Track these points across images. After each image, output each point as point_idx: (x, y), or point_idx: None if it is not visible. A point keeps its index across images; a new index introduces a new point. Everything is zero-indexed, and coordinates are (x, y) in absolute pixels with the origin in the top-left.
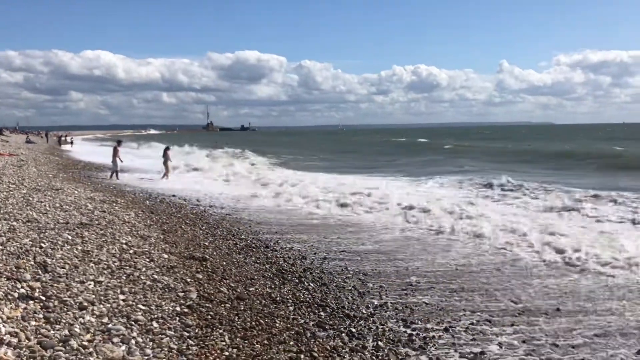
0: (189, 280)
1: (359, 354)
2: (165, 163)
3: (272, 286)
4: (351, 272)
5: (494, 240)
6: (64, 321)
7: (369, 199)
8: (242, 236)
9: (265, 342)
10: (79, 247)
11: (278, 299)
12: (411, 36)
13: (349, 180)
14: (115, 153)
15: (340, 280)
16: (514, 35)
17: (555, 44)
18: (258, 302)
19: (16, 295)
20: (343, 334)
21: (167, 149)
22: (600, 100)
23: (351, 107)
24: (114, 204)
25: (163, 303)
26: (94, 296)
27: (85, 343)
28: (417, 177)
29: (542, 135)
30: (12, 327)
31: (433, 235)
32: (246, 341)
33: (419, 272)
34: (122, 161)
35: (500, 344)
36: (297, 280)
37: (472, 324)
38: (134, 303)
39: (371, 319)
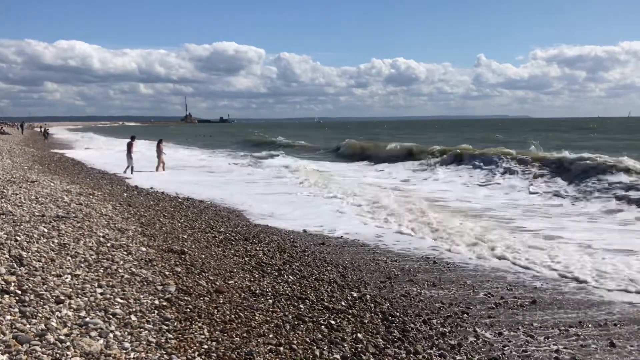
0: (167, 273)
1: (338, 346)
2: (158, 156)
3: (252, 279)
4: (331, 264)
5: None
6: (40, 315)
7: None
8: (221, 229)
9: (245, 335)
10: (55, 240)
11: (257, 291)
12: (390, 29)
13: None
14: (129, 148)
15: (319, 272)
16: (491, 29)
17: (532, 39)
18: (237, 295)
19: None
20: (322, 327)
21: (160, 141)
22: (575, 95)
23: (331, 100)
24: (91, 197)
25: (141, 296)
26: (71, 290)
27: (62, 337)
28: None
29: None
30: None
31: None
32: (225, 334)
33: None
34: (131, 158)
35: (477, 336)
36: (276, 273)
37: (449, 316)
38: (111, 296)
39: (350, 311)
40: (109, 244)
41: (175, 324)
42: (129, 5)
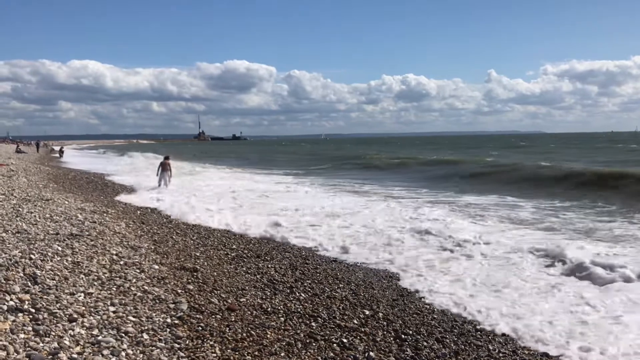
0: (179, 291)
1: None
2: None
3: (263, 297)
4: (343, 282)
5: None
6: (53, 333)
7: None
8: (234, 246)
9: (256, 353)
10: (69, 259)
11: (269, 309)
12: (400, 46)
13: None
14: (164, 167)
15: (331, 290)
16: (501, 45)
17: (542, 54)
18: (249, 313)
19: (5, 307)
20: (334, 345)
21: (166, 158)
22: (588, 109)
23: (342, 117)
24: (105, 215)
25: (154, 314)
26: (83, 308)
27: (75, 355)
28: None
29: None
30: (1, 340)
31: None
32: (237, 352)
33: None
34: (169, 175)
35: (490, 354)
36: (288, 291)
37: (463, 333)
38: (124, 314)
39: (362, 330)
40: (122, 262)
41: (187, 342)
42: (140, 25)
